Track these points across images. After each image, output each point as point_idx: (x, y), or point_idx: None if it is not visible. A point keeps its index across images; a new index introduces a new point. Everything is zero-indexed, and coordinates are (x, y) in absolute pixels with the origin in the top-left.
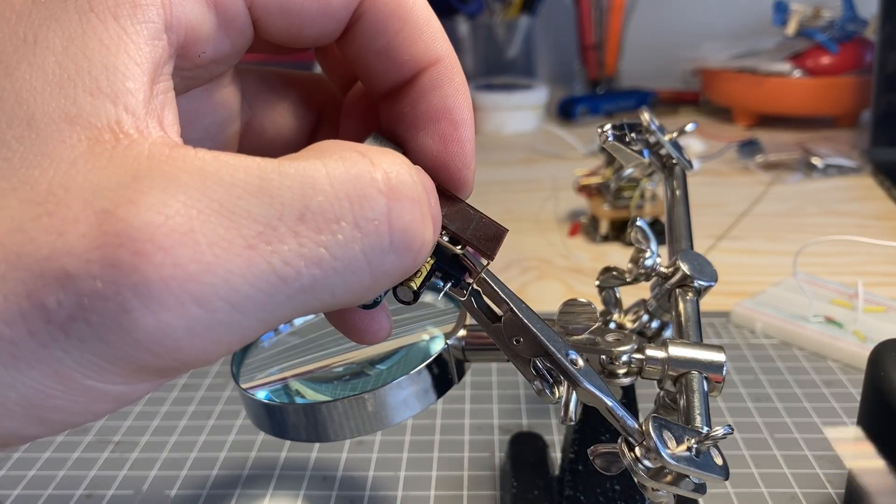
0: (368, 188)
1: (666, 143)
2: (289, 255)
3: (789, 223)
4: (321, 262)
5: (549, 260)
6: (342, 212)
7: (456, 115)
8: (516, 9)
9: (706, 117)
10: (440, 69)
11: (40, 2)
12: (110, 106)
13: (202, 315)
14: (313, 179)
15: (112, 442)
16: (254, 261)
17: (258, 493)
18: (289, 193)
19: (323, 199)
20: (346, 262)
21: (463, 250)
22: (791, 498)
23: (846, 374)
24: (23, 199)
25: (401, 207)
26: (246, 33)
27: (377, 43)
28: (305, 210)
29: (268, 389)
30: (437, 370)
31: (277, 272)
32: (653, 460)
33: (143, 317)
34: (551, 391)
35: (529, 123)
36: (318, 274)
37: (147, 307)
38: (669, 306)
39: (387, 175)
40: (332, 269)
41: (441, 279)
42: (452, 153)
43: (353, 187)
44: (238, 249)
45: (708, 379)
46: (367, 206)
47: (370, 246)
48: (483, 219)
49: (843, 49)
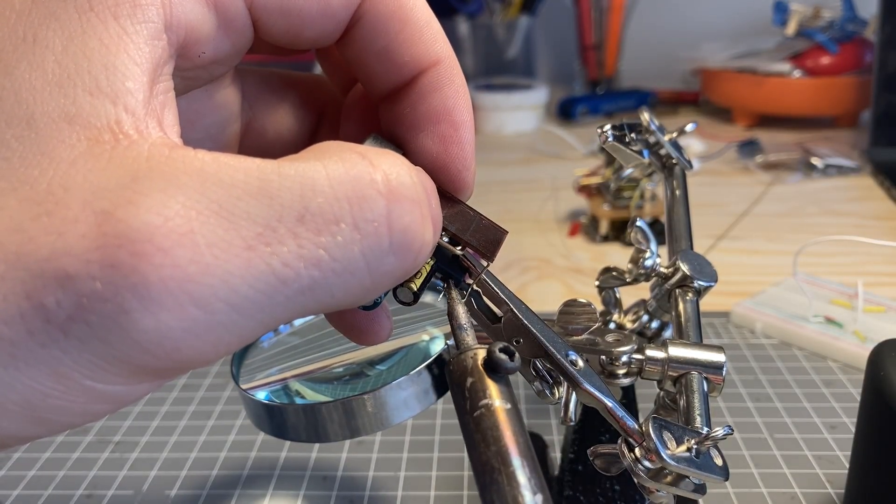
0: (368, 189)
1: (666, 143)
2: (288, 256)
3: (789, 223)
4: (320, 264)
5: (549, 260)
6: (342, 213)
7: (456, 116)
8: (516, 9)
9: (706, 117)
10: (440, 71)
11: (40, 1)
12: (110, 106)
13: (201, 316)
14: (313, 181)
15: (112, 442)
16: (253, 262)
17: (258, 493)
18: (288, 195)
19: (322, 200)
20: (345, 263)
21: (463, 251)
22: (791, 498)
23: (846, 374)
24: (22, 199)
25: (400, 209)
26: (246, 34)
27: (377, 44)
28: (305, 211)
29: (268, 390)
30: (437, 371)
31: (276, 273)
32: (653, 461)
33: (142, 318)
34: (551, 392)
35: (529, 123)
36: (317, 275)
37: (146, 308)
38: (669, 306)
39: (386, 176)
40: (332, 271)
41: (441, 280)
42: (452, 155)
43: (352, 188)
44: (237, 251)
45: (708, 379)
46: (367, 208)
47: (369, 247)
48: (483, 220)
49: (843, 49)
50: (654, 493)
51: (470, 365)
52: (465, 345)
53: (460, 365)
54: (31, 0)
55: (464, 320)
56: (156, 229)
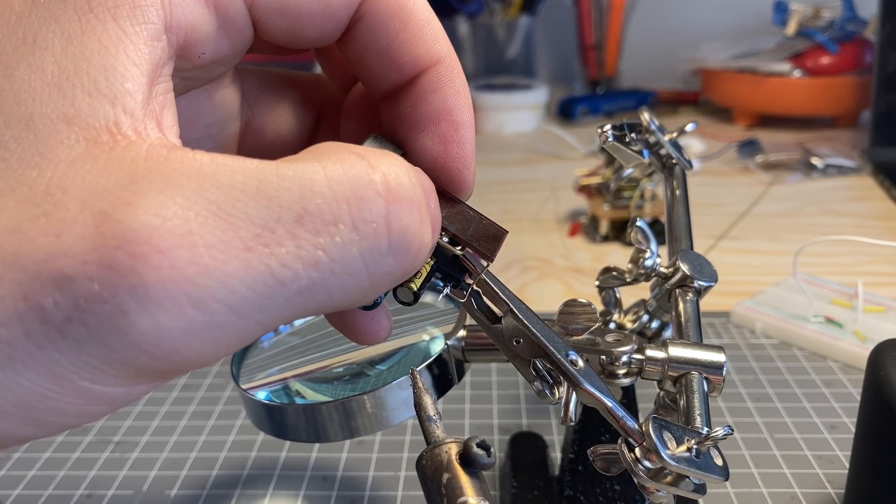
0: (367, 190)
1: (666, 143)
2: (286, 257)
3: (789, 223)
4: (319, 265)
5: (549, 260)
6: (340, 214)
7: (456, 116)
8: (516, 9)
9: (706, 117)
10: (441, 70)
11: (40, 2)
12: (108, 107)
13: (199, 317)
14: (311, 182)
15: (112, 442)
16: (251, 263)
17: (258, 493)
18: (287, 196)
19: (321, 201)
20: (343, 264)
21: (463, 251)
22: (791, 498)
23: (846, 374)
24: (20, 200)
25: (399, 210)
26: (246, 34)
27: (378, 44)
28: (303, 212)
29: (268, 390)
30: (437, 370)
31: (275, 274)
32: (653, 461)
33: (139, 319)
34: (551, 392)
35: (529, 123)
36: (315, 276)
37: (144, 309)
38: (669, 306)
39: (385, 177)
40: (330, 272)
41: (441, 280)
42: (452, 154)
43: (351, 189)
44: (235, 251)
45: (708, 379)
46: (366, 209)
47: (368, 248)
48: (483, 220)
49: (843, 49)
50: (654, 493)
51: (445, 460)
52: (436, 438)
53: (434, 460)
54: (30, 1)
55: (431, 412)
56: (154, 230)
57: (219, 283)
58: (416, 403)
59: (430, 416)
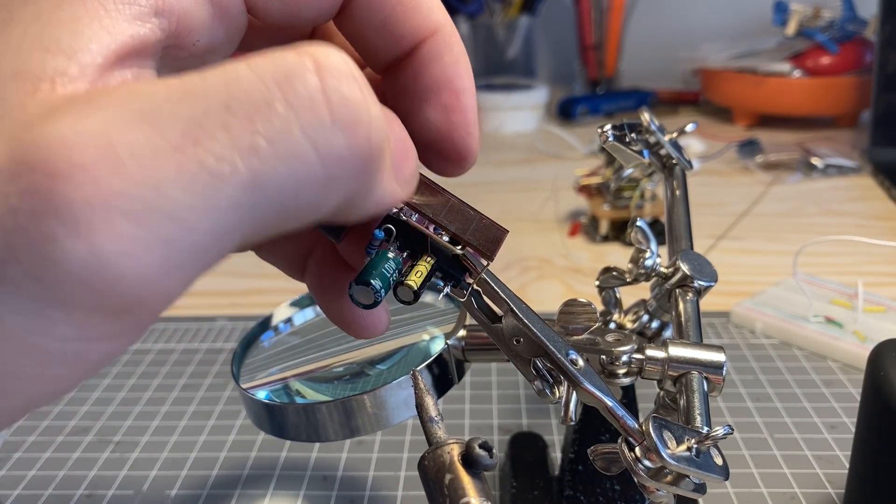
0: (295, 67)
1: (666, 143)
2: (221, 150)
3: (789, 223)
4: (258, 151)
5: (549, 260)
6: (271, 95)
7: (457, 84)
8: (516, 9)
9: (706, 117)
10: (439, 39)
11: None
12: (63, 60)
13: (137, 232)
14: (235, 71)
15: (112, 442)
16: (183, 163)
17: (258, 493)
18: (212, 90)
19: (247, 85)
20: (287, 146)
21: (463, 251)
22: (791, 498)
23: (846, 374)
24: None
25: (334, 80)
26: (240, 20)
27: (375, 17)
28: (231, 100)
29: (268, 389)
30: (437, 370)
31: (211, 170)
32: (653, 460)
33: (71, 244)
34: (551, 391)
35: (529, 123)
36: (257, 164)
37: (72, 232)
38: (669, 306)
39: (313, 55)
40: (274, 157)
41: (441, 279)
42: (456, 123)
43: (279, 69)
44: (164, 154)
45: (708, 379)
46: (298, 84)
47: (310, 124)
48: (483, 220)
49: (843, 49)
50: (654, 492)
51: (447, 461)
52: (437, 438)
53: (437, 460)
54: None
55: (433, 412)
56: (71, 147)
57: (151, 191)
58: (417, 404)
59: (432, 416)
